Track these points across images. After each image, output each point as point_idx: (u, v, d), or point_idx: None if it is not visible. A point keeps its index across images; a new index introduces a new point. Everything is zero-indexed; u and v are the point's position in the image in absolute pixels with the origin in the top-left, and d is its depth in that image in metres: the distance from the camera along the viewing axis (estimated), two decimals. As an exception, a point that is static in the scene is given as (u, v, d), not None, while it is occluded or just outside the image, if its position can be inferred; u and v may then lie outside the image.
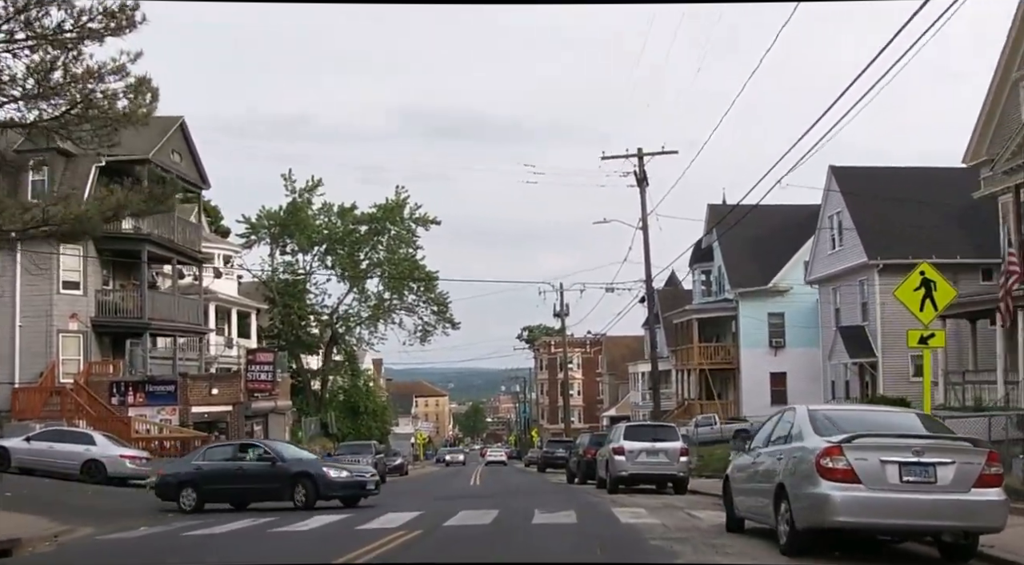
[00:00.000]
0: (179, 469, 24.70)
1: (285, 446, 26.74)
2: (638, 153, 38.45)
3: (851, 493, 10.39)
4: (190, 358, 46.86)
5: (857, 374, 46.63)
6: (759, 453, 12.98)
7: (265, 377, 41.53)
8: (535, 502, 22.35)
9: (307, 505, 21.99)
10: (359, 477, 23.34)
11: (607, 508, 20.01)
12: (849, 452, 10.43)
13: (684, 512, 18.73)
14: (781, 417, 12.89)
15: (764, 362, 59.24)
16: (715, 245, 62.66)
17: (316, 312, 67.93)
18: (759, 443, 13.29)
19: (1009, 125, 33.36)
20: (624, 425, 31.08)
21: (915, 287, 18.66)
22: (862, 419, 11.80)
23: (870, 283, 44.78)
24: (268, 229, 66.01)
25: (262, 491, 23.14)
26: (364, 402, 68.45)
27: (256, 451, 23.98)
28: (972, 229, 43.31)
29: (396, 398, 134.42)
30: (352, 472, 23.53)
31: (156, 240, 42.14)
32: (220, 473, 23.46)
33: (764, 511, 12.13)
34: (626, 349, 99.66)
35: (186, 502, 23.23)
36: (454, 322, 69.03)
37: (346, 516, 18.91)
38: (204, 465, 24.00)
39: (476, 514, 18.51)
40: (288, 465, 23.02)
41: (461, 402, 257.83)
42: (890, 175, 47.25)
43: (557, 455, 53.25)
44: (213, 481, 23.36)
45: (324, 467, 23.37)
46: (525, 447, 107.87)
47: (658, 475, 27.92)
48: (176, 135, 44.68)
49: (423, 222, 65.72)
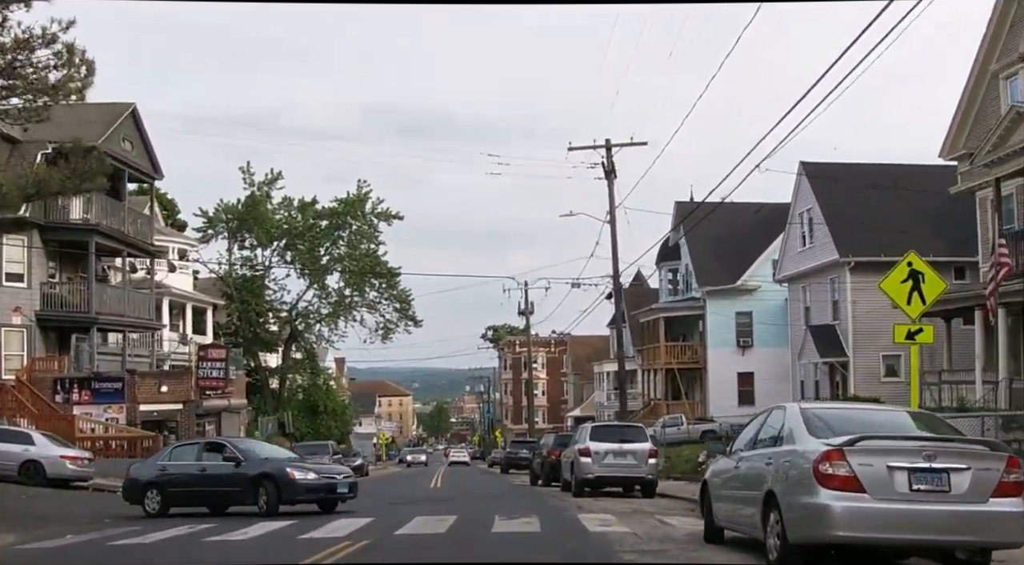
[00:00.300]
0: (144, 470, 22.67)
1: (258, 445, 24.26)
2: (606, 144, 37.23)
3: (854, 503, 9.05)
4: (141, 355, 45.12)
5: (827, 374, 45.68)
6: (742, 457, 11.69)
7: (217, 374, 39.91)
8: (496, 506, 21.06)
9: (269, 511, 19.80)
10: (328, 479, 20.93)
11: (573, 514, 18.73)
12: (852, 457, 9.13)
13: (655, 518, 17.45)
14: (768, 417, 11.60)
15: (731, 362, 58.34)
16: (682, 243, 61.70)
17: (275, 309, 66.26)
18: (742, 445, 12.01)
19: (987, 118, 32.48)
20: (590, 425, 29.83)
21: (902, 279, 17.47)
22: (858, 419, 10.54)
23: (841, 281, 43.88)
24: (226, 223, 64.21)
25: (225, 495, 21.15)
26: (324, 401, 66.82)
27: (222, 451, 21.67)
28: (945, 227, 42.54)
29: (359, 397, 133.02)
30: (320, 474, 21.00)
31: (105, 231, 40.45)
32: (184, 475, 21.48)
33: (750, 521, 10.86)
34: (591, 349, 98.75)
35: (150, 506, 21.37)
36: (416, 320, 67.62)
37: (291, 523, 17.44)
38: (169, 466, 21.96)
39: (432, 521, 17.18)
40: (251, 466, 20.67)
41: (426, 402, 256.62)
42: (862, 172, 46.30)
43: (521, 456, 52.29)
44: (177, 483, 21.45)
45: (288, 468, 20.49)
46: (489, 447, 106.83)
47: (626, 478, 26.70)
48: (127, 122, 43.01)
49: (385, 217, 64.20)
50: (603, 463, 26.31)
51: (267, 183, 63.54)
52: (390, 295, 66.64)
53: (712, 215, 48.92)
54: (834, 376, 45.14)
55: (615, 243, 37.14)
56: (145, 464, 23.65)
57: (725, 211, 53.44)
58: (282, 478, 20.18)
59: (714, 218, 52.89)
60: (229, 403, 43.11)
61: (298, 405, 65.21)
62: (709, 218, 50.07)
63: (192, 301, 55.27)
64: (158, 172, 46.35)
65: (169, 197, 68.54)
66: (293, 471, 20.39)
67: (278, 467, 20.62)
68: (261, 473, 20.41)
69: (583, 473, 26.37)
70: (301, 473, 20.40)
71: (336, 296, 66.26)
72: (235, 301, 62.64)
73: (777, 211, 55.16)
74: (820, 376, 46.44)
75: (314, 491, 20.42)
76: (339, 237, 64.81)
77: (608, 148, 37.12)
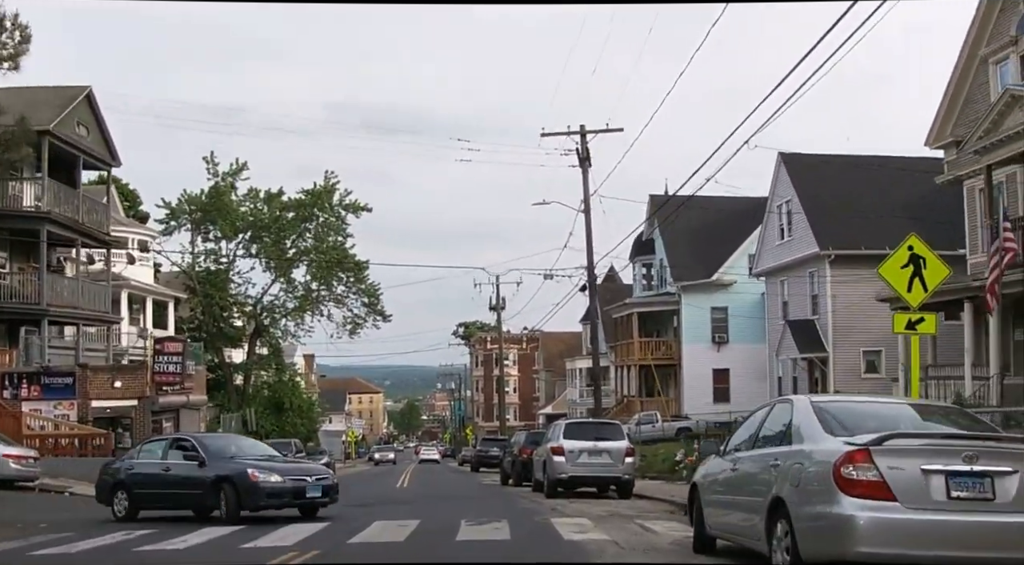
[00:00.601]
0: (115, 468, 20.62)
1: (232, 442, 21.44)
2: (580, 130, 35.83)
3: (882, 514, 7.54)
4: (96, 349, 43.30)
5: (806, 370, 44.55)
6: (740, 457, 10.25)
7: (174, 369, 38.12)
8: (463, 509, 19.62)
9: (229, 518, 17.44)
10: (296, 481, 18.01)
11: (546, 518, 17.28)
12: (879, 458, 7.67)
13: (636, 523, 16.04)
14: (771, 411, 10.17)
15: (706, 358, 57.26)
16: (657, 237, 60.52)
17: (239, 303, 64.40)
18: (739, 444, 10.58)
19: (976, 105, 31.34)
20: (564, 422, 28.41)
21: (902, 264, 16.12)
22: (878, 414, 9.11)
23: (821, 275, 42.74)
24: (189, 214, 62.29)
25: (188, 498, 18.95)
26: (289, 398, 65.01)
27: (185, 448, 19.32)
28: (926, 220, 41.27)
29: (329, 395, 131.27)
30: (287, 475, 18.06)
31: (58, 219, 38.60)
32: (149, 475, 19.36)
33: (750, 532, 9.44)
34: (563, 345, 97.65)
35: (119, 508, 19.42)
36: (385, 315, 65.96)
37: (237, 529, 15.90)
38: (136, 464, 19.96)
39: (391, 527, 15.69)
40: (213, 467, 18.22)
41: (397, 399, 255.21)
42: (842, 163, 45.23)
43: (491, 454, 51.02)
44: (143, 484, 19.37)
45: (250, 470, 17.73)
46: (460, 445, 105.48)
47: (601, 478, 25.28)
48: (82, 106, 41.17)
49: (353, 209, 62.45)
50: (577, 462, 24.92)
51: (232, 173, 61.70)
52: (358, 289, 64.96)
53: (687, 209, 47.81)
54: (813, 372, 44.01)
55: (589, 232, 35.78)
56: (117, 462, 21.71)
57: (700, 205, 52.34)
58: (242, 481, 17.58)
59: (689, 212, 51.80)
60: (188, 399, 41.35)
61: (263, 402, 63.40)
62: (684, 212, 48.95)
63: (153, 294, 53.43)
64: (115, 159, 44.51)
65: (131, 188, 66.78)
66: (255, 473, 17.71)
67: (238, 468, 17.89)
68: (221, 475, 17.90)
69: (556, 473, 24.97)
70: (264, 475, 17.71)
71: (303, 290, 64.52)
72: (198, 295, 60.82)
73: (754, 205, 54.15)
74: (798, 372, 45.34)
75: (277, 496, 17.78)
76: (306, 229, 63.05)
77: (583, 134, 35.73)
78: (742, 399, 52.98)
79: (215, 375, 62.34)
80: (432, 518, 17.67)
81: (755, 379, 52.58)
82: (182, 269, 62.37)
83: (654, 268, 63.14)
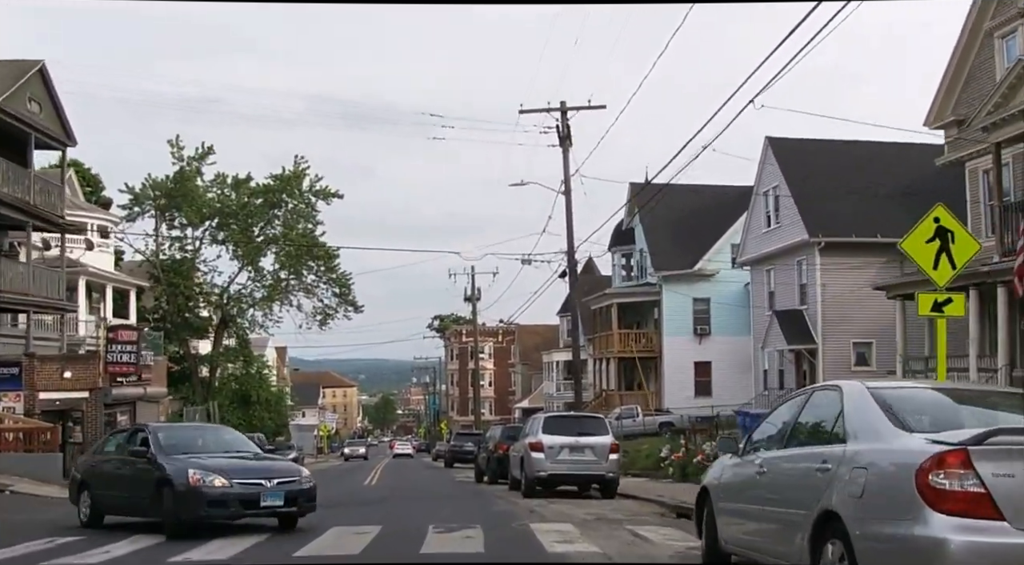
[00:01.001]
0: (80, 464, 17.95)
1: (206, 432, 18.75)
2: (561, 107, 33.86)
3: (986, 538, 5.62)
4: (49, 338, 40.97)
5: (793, 362, 42.87)
6: (769, 458, 8.36)
7: (128, 359, 35.96)
8: (433, 512, 17.69)
9: (170, 532, 14.14)
10: (249, 486, 14.45)
11: (524, 523, 15.36)
12: (981, 462, 5.75)
13: (626, 529, 14.17)
14: (808, 401, 8.23)
15: (688, 350, 55.57)
16: (637, 227, 58.70)
17: (205, 292, 62.13)
18: (764, 441, 8.69)
19: (980, 81, 29.63)
20: (543, 416, 26.48)
21: (927, 238, 14.30)
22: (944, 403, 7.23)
23: (810, 263, 41.03)
24: (154, 200, 59.93)
25: (138, 502, 15.47)
26: (257, 391, 62.80)
27: (136, 441, 16.24)
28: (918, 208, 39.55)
29: (302, 388, 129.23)
30: (234, 476, 14.49)
31: (6, 200, 36.29)
32: (106, 473, 16.48)
33: (784, 551, 7.50)
34: (540, 338, 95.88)
35: (83, 512, 16.61)
36: (356, 305, 63.85)
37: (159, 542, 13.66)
38: (98, 460, 17.27)
39: (349, 534, 13.75)
40: (159, 465, 14.96)
41: (372, 393, 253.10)
42: (831, 149, 43.41)
43: (466, 449, 49.41)
44: (101, 484, 16.46)
45: (191, 470, 14.42)
46: (434, 439, 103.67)
47: (584, 476, 23.44)
48: (35, 81, 38.82)
49: (324, 195, 60.22)
50: (558, 459, 23.09)
51: (197, 158, 59.36)
52: (329, 279, 62.82)
53: (669, 197, 46.16)
54: (801, 364, 42.33)
55: (570, 214, 33.85)
56: (85, 456, 19.26)
57: (682, 193, 50.70)
58: (180, 484, 14.28)
59: (671, 201, 50.12)
60: (145, 391, 39.20)
61: (230, 395, 61.18)
62: (666, 200, 47.31)
63: (113, 282, 51.08)
64: (71, 139, 42.15)
65: (94, 172, 64.28)
66: (195, 474, 14.30)
67: (180, 468, 14.61)
68: (161, 476, 14.68)
69: (535, 471, 23.12)
70: (207, 477, 14.29)
71: (271, 279, 62.29)
72: (162, 284, 58.53)
73: (737, 193, 52.53)
74: (785, 365, 43.67)
75: (222, 504, 14.29)
76: (274, 216, 60.82)
77: (563, 111, 33.75)
78: (724, 393, 51.41)
79: (180, 367, 60.14)
80: (397, 522, 15.75)
81: (738, 372, 51.06)
82: (146, 257, 60.08)
83: (634, 258, 61.36)
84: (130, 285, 53.13)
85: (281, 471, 15.43)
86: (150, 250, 60.30)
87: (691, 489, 23.70)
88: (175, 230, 61.13)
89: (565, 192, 33.52)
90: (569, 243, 34.13)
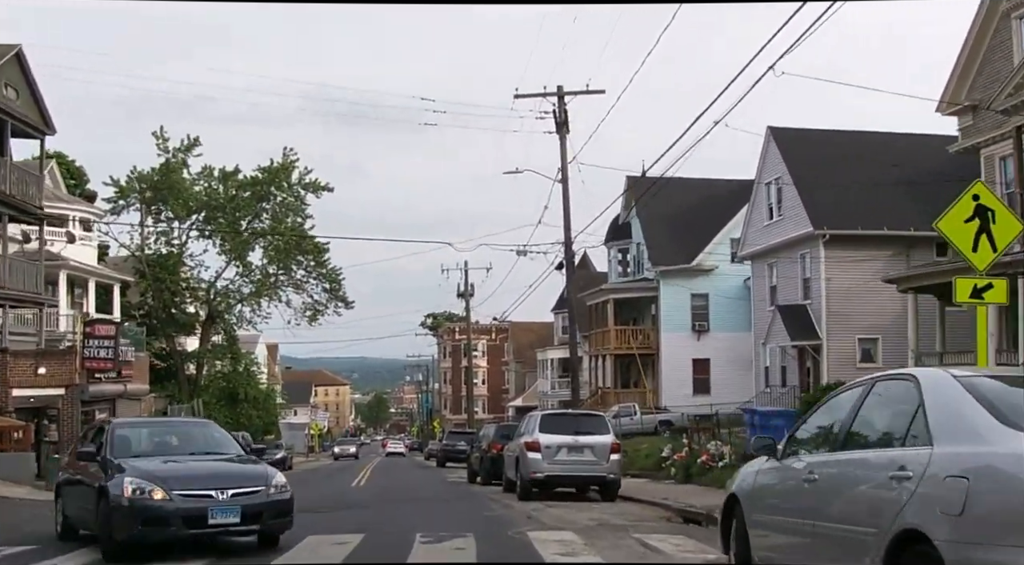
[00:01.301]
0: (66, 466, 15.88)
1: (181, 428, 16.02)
2: (558, 92, 32.49)
3: None
4: (26, 333, 39.56)
5: (796, 359, 41.57)
6: (820, 462, 6.96)
7: (106, 354, 34.53)
8: (422, 517, 16.38)
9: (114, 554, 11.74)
10: (194, 499, 11.72)
11: (521, 530, 14.01)
12: None
13: (633, 538, 12.84)
14: (869, 393, 6.83)
15: (686, 347, 54.26)
16: (634, 221, 57.41)
17: (192, 287, 60.62)
18: (812, 441, 7.32)
19: (996, 64, 28.36)
20: (540, 413, 25.15)
21: (966, 217, 12.98)
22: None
23: (814, 256, 39.74)
24: (139, 193, 58.42)
25: (85, 514, 13.13)
26: (244, 389, 61.30)
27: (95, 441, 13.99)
28: (924, 200, 38.50)
29: (294, 387, 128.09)
30: (173, 491, 11.72)
31: (-21, 189, 35.00)
32: (71, 479, 14.36)
33: None
34: (534, 336, 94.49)
35: (58, 520, 14.68)
36: (347, 301, 62.46)
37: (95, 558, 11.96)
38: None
39: (327, 544, 12.39)
40: (105, 470, 12.49)
41: (365, 392, 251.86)
42: (835, 139, 42.30)
43: (458, 448, 48.43)
44: (69, 491, 14.35)
45: (127, 479, 11.80)
46: (427, 438, 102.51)
47: (583, 477, 22.13)
48: (11, 66, 37.41)
49: (313, 188, 58.76)
50: (555, 460, 21.76)
51: (183, 149, 57.87)
52: (318, 274, 61.38)
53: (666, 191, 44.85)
54: (804, 361, 41.04)
55: (567, 203, 32.46)
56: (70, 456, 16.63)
57: (680, 187, 49.36)
58: (114, 497, 11.68)
59: (668, 195, 48.75)
60: (126, 388, 37.76)
61: (217, 393, 59.70)
62: (663, 194, 45.98)
63: (96, 276, 49.60)
64: (49, 127, 40.73)
65: (78, 165, 62.80)
66: (128, 485, 11.68)
67: (119, 475, 11.97)
68: (100, 486, 12.18)
69: (531, 472, 21.78)
70: (143, 487, 11.64)
71: (259, 274, 60.82)
72: (148, 279, 57.04)
73: (736, 187, 51.33)
74: (788, 361, 42.37)
75: (160, 522, 11.57)
76: (262, 209, 59.35)
77: (560, 96, 32.39)
78: (724, 391, 50.11)
79: (166, 364, 58.76)
80: (382, 530, 14.40)
81: (737, 369, 49.84)
82: (131, 251, 58.60)
83: (630, 253, 60.03)
84: (114, 280, 51.67)
85: (239, 479, 12.35)
86: (135, 244, 58.85)
87: (696, 491, 22.49)
88: (161, 224, 59.68)
89: (562, 180, 32.19)
90: (566, 233, 32.80)
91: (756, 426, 23.03)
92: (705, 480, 23.50)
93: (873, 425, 6.51)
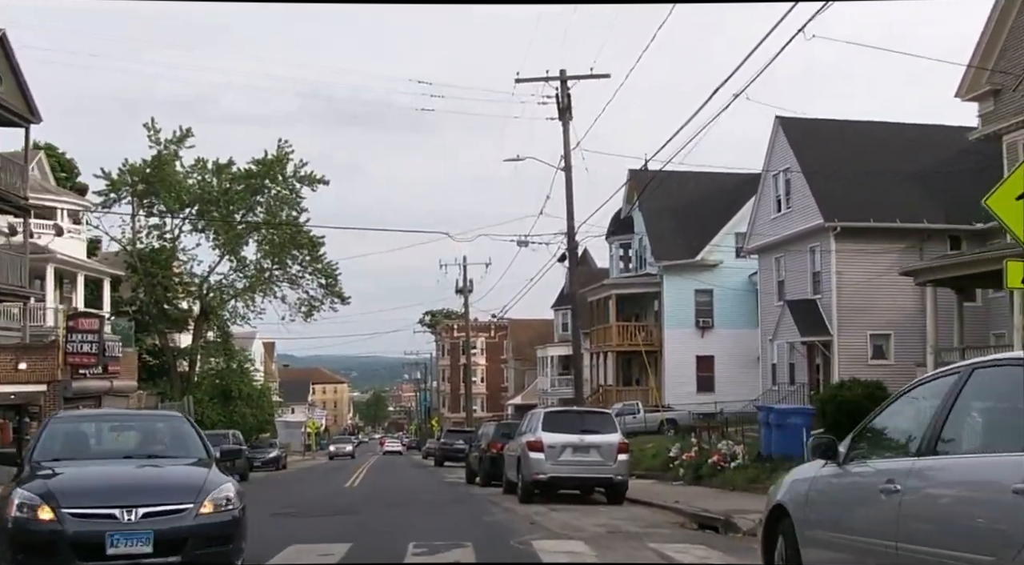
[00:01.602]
0: None
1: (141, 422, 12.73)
2: (561, 76, 31.18)
3: None
4: (10, 328, 38.27)
5: (805, 356, 40.32)
6: (903, 469, 5.63)
7: (89, 349, 33.26)
8: (416, 522, 15.13)
9: None
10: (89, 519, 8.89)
11: (525, 540, 12.75)
12: None
13: (649, 548, 11.58)
14: (964, 385, 5.49)
15: (690, 344, 53.00)
16: (636, 215, 56.14)
17: (185, 282, 59.29)
18: (886, 445, 6.03)
19: (1017, 50, 27.08)
20: (543, 411, 23.92)
21: (1018, 194, 11.73)
22: None
23: (825, 250, 38.48)
24: (131, 186, 57.09)
25: None
26: (238, 386, 59.99)
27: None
28: (937, 193, 37.58)
29: (291, 385, 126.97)
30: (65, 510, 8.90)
31: (-41, 178, 33.71)
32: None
33: None
34: (533, 333, 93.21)
35: None
36: (343, 297, 61.11)
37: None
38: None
39: (310, 554, 11.13)
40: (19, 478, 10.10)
41: (364, 390, 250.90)
42: (846, 129, 41.13)
43: (456, 447, 47.40)
44: None
45: (16, 493, 9.17)
46: (425, 436, 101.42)
47: (589, 479, 20.89)
48: (-7, 51, 36.21)
49: (309, 181, 57.41)
50: (559, 460, 20.51)
51: (175, 141, 56.50)
52: (314, 269, 60.08)
53: (670, 184, 43.82)
54: (813, 358, 39.80)
55: (570, 192, 31.20)
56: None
57: (684, 180, 48.19)
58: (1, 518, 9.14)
59: (672, 188, 47.63)
60: (112, 384, 36.48)
61: (209, 390, 58.40)
62: (667, 188, 44.91)
63: (85, 270, 48.28)
64: (35, 115, 39.37)
65: (68, 157, 61.46)
66: (18, 499, 9.05)
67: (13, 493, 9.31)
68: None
69: (533, 473, 20.53)
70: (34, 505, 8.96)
71: (254, 269, 59.50)
72: (139, 273, 55.72)
73: (741, 181, 50.23)
74: (796, 358, 41.11)
75: (47, 551, 8.82)
76: (256, 203, 58.02)
77: (563, 81, 31.10)
78: (728, 388, 48.93)
79: (158, 360, 57.49)
80: (372, 539, 13.14)
81: (742, 367, 48.67)
82: (122, 245, 57.28)
83: (633, 248, 58.80)
84: (104, 274, 50.32)
85: (156, 492, 9.37)
86: (127, 238, 57.53)
87: (708, 494, 21.24)
88: (153, 217, 58.38)
89: (565, 168, 30.90)
90: (569, 222, 31.50)
91: (772, 425, 21.76)
92: (716, 482, 22.34)
93: (976, 424, 5.25)
